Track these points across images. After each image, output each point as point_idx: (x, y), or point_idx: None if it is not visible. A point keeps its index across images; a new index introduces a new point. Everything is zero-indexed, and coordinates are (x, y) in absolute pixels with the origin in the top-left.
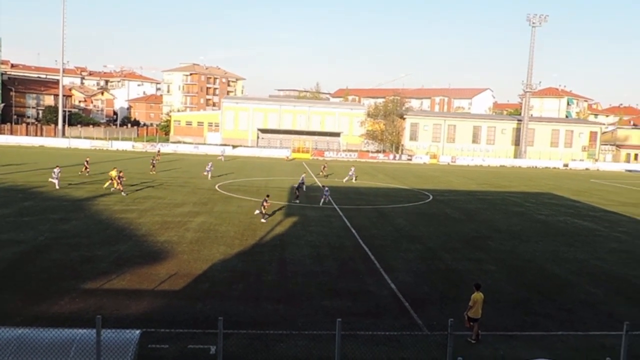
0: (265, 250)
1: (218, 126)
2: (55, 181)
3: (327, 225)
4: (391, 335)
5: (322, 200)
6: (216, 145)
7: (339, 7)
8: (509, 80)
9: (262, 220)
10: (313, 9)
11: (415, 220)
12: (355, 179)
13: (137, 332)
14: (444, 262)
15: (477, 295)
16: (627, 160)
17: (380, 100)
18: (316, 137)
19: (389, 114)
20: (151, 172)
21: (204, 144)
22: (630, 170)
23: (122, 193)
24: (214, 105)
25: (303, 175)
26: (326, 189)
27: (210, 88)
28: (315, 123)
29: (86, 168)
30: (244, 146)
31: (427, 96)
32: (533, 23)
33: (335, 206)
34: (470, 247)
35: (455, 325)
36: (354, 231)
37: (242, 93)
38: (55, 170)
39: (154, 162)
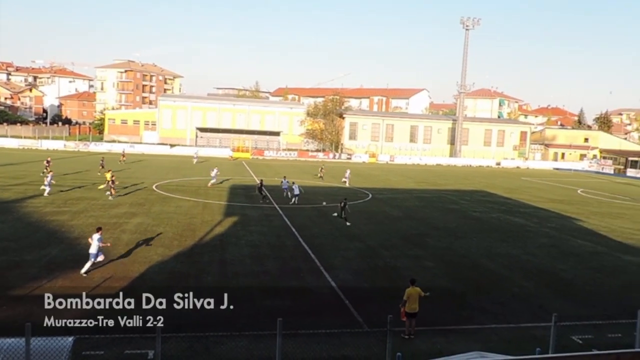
0: (204, 251)
1: (155, 125)
2: (47, 188)
3: (267, 224)
4: (332, 333)
5: (293, 200)
6: (153, 144)
7: (277, 5)
8: (445, 81)
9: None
10: (250, 7)
11: (355, 218)
12: (348, 184)
13: (70, 339)
14: (383, 260)
15: (412, 290)
16: (555, 159)
17: (320, 100)
18: (256, 136)
19: (329, 113)
20: (99, 173)
21: (141, 143)
22: (558, 169)
23: (110, 197)
24: (150, 103)
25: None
26: (296, 189)
27: (146, 85)
28: (255, 122)
29: (47, 167)
30: (183, 145)
31: (365, 96)
32: (467, 26)
33: (276, 205)
34: (409, 244)
35: (394, 322)
36: (294, 230)
37: (179, 91)
38: (48, 175)
39: (104, 163)
